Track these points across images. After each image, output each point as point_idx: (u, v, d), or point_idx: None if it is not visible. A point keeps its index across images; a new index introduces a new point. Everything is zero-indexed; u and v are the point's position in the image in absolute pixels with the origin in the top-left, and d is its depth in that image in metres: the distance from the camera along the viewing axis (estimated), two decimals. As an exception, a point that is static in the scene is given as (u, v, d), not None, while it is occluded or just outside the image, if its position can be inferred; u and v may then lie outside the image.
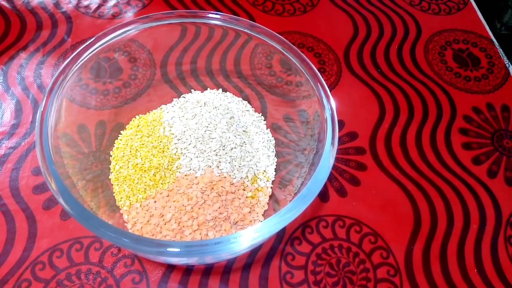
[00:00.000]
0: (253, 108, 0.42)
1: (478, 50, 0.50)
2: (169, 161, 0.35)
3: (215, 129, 0.37)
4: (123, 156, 0.36)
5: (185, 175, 0.35)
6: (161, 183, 0.34)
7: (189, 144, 0.36)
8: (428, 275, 0.35)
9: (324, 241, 0.36)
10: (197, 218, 0.32)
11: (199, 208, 0.33)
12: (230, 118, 0.38)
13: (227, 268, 0.34)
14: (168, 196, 0.33)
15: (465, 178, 0.40)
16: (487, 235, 0.37)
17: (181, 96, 0.42)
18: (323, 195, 0.38)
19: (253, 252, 0.35)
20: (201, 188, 0.34)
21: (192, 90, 0.43)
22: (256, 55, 0.44)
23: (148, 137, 0.37)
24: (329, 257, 0.35)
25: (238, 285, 0.33)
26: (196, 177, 0.35)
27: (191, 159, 0.35)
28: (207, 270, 0.34)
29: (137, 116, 0.40)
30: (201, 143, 0.36)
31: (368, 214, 0.38)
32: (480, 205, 0.39)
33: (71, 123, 0.34)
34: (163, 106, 0.41)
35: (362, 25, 0.52)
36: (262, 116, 0.41)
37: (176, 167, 0.35)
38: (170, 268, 0.34)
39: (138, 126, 0.38)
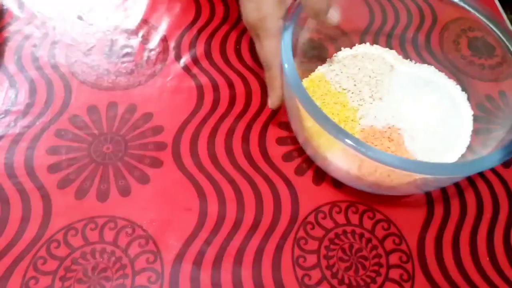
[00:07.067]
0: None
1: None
2: (352, 114, 0.37)
3: (382, 81, 0.39)
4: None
5: (371, 126, 0.37)
6: None
7: (365, 94, 0.38)
8: (441, 263, 0.35)
9: (337, 227, 0.36)
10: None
11: None
12: (391, 68, 0.40)
13: (240, 250, 0.34)
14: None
15: (479, 168, 0.40)
16: (500, 224, 0.37)
17: (333, 55, 0.43)
18: (337, 181, 0.38)
19: (266, 236, 0.35)
20: (389, 137, 0.35)
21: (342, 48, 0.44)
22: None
23: (326, 95, 0.38)
24: (342, 242, 0.35)
25: (251, 267, 0.34)
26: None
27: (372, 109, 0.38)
28: (220, 252, 0.34)
29: (304, 79, 0.41)
30: (376, 93, 0.38)
31: (381, 201, 0.38)
32: (493, 194, 0.39)
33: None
34: (319, 67, 0.42)
35: (378, 12, 0.51)
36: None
37: (359, 118, 0.37)
38: (184, 248, 0.34)
39: (307, 88, 0.39)
